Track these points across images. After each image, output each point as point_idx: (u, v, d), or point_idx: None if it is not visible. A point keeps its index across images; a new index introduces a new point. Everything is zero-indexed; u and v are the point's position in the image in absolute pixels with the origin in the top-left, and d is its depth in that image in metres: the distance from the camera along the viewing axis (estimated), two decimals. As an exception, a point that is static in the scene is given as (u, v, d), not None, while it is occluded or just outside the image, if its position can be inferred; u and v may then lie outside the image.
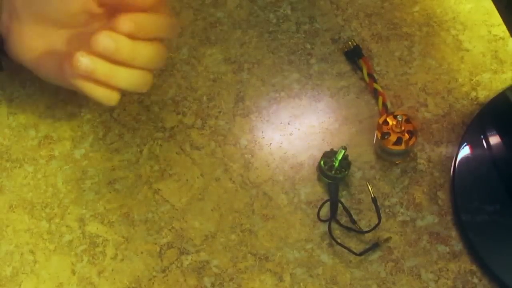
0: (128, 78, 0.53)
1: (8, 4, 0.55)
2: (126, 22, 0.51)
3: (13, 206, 0.57)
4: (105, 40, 0.51)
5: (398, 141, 0.56)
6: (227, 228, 0.56)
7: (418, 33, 0.65)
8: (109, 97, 0.54)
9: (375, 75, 0.62)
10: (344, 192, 0.57)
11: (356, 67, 0.63)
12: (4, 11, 0.55)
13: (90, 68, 0.51)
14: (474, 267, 0.54)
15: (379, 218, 0.54)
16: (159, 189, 0.58)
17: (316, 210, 0.56)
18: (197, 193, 0.58)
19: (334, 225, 0.55)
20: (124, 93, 0.55)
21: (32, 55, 0.56)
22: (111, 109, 0.61)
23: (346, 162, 0.57)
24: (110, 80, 0.52)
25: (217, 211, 0.57)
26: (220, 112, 0.61)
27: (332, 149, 0.58)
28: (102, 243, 0.56)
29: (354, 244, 0.55)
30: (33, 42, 0.55)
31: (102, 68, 0.51)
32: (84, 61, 0.51)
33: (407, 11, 0.66)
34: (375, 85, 0.61)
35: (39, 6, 0.54)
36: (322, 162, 0.57)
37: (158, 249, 0.55)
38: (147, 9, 0.53)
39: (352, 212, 0.55)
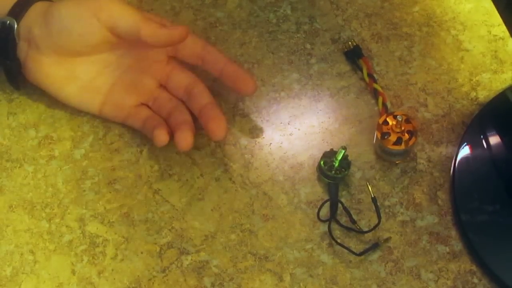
0: None
1: (27, 33, 0.57)
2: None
3: (13, 206, 0.57)
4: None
5: (398, 141, 0.56)
6: (227, 228, 0.56)
7: (418, 33, 0.65)
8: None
9: (375, 75, 0.62)
10: (344, 192, 0.57)
11: (356, 67, 0.63)
12: (22, 39, 0.57)
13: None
14: (474, 267, 0.54)
15: (379, 218, 0.54)
16: (159, 189, 0.58)
17: (316, 210, 0.56)
18: (197, 193, 0.58)
19: (334, 225, 0.55)
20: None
21: (51, 81, 0.58)
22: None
23: (346, 162, 0.57)
24: None
25: (217, 211, 0.57)
26: (220, 112, 0.61)
27: (332, 149, 0.58)
28: (102, 243, 0.56)
29: (354, 244, 0.55)
30: (52, 69, 0.57)
31: None
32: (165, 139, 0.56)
33: (407, 11, 0.66)
34: (375, 85, 0.61)
35: (58, 38, 0.56)
36: (322, 162, 0.57)
37: (158, 249, 0.55)
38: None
39: (352, 212, 0.55)
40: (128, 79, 0.59)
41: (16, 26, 0.56)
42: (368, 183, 0.56)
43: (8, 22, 0.56)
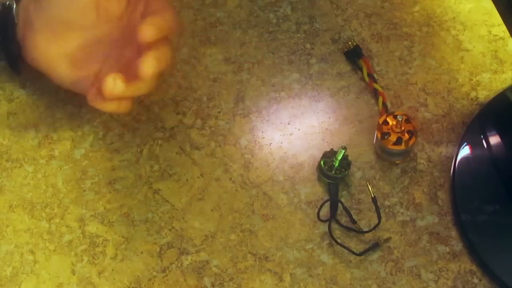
0: (143, 89, 0.56)
1: (23, 12, 0.57)
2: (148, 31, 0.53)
3: (13, 206, 0.57)
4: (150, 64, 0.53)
5: (398, 141, 0.56)
6: (227, 228, 0.56)
7: (418, 33, 0.65)
8: (125, 107, 0.56)
9: (375, 75, 0.62)
10: (344, 192, 0.57)
11: (356, 67, 0.63)
12: (20, 19, 0.57)
13: (121, 91, 0.53)
14: (474, 267, 0.54)
15: (379, 218, 0.54)
16: (159, 189, 0.58)
17: (316, 210, 0.56)
18: (197, 193, 0.58)
19: (334, 225, 0.55)
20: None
21: (45, 59, 0.57)
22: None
23: (346, 162, 0.57)
24: (128, 96, 0.55)
25: (217, 211, 0.57)
26: (220, 112, 0.61)
27: (332, 149, 0.58)
28: (102, 243, 0.56)
29: (354, 244, 0.55)
30: (45, 46, 0.57)
31: (129, 90, 0.54)
32: (117, 85, 0.53)
33: (407, 11, 0.66)
34: (375, 85, 0.61)
35: (50, 9, 0.55)
36: (322, 162, 0.57)
37: (158, 249, 0.55)
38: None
39: (352, 212, 0.55)
40: (116, 53, 0.58)
41: (15, 6, 0.56)
42: (368, 183, 0.56)
43: (7, 3, 0.57)
